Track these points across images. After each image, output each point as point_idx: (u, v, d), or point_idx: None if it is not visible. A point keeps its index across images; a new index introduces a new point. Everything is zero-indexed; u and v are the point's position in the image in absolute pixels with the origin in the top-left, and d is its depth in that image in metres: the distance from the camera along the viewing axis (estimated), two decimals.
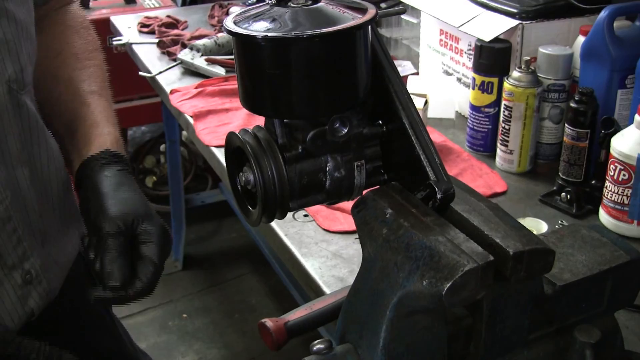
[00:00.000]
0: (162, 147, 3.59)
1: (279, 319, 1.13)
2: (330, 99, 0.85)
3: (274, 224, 1.46)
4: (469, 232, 0.82)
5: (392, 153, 0.92)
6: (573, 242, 1.00)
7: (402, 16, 2.27)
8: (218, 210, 3.53)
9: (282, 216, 0.91)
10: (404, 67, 2.13)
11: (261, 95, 0.86)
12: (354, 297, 0.89)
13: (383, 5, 2.27)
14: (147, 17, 2.64)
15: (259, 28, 0.83)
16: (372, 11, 0.85)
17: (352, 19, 0.83)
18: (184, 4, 3.29)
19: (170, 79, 2.20)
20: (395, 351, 0.83)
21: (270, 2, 0.87)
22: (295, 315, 1.13)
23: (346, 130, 0.88)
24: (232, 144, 0.91)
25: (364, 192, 0.93)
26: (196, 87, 2.09)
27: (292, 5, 0.86)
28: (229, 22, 0.85)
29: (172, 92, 2.10)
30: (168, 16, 2.66)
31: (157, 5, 3.24)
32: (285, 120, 0.87)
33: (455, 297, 0.77)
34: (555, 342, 0.94)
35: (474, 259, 0.77)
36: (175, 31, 2.48)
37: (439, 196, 0.85)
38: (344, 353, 0.87)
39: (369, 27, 0.85)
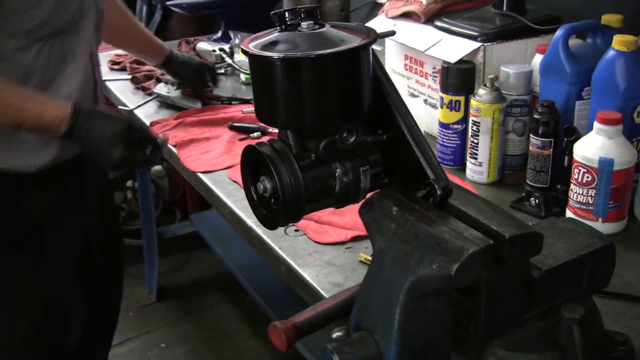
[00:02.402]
0: (129, 183, 3.66)
1: (287, 321, 1.23)
2: (340, 111, 0.97)
3: (268, 239, 1.56)
4: (468, 222, 0.94)
5: (391, 158, 1.04)
6: (552, 232, 1.12)
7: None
8: (188, 242, 3.60)
9: (298, 219, 1.01)
10: None
11: (277, 110, 0.97)
12: (367, 288, 0.99)
13: None
14: (117, 55, 2.74)
15: (274, 50, 0.95)
16: (372, 33, 0.97)
17: (356, 40, 0.95)
18: None
19: (147, 113, 2.29)
20: (408, 332, 0.93)
21: (281, 27, 0.99)
22: (302, 316, 1.23)
23: (354, 139, 0.99)
24: (250, 156, 1.02)
25: (368, 195, 1.04)
26: (175, 119, 2.19)
27: (301, 29, 0.97)
28: (246, 45, 0.96)
29: (152, 124, 2.19)
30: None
31: None
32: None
33: (462, 277, 0.89)
34: (545, 322, 1.05)
35: (477, 243, 0.89)
36: (147, 67, 2.57)
37: (439, 192, 0.97)
38: (362, 338, 0.97)
39: (370, 47, 0.97)
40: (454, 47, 1.82)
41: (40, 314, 1.81)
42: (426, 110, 2.01)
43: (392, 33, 1.10)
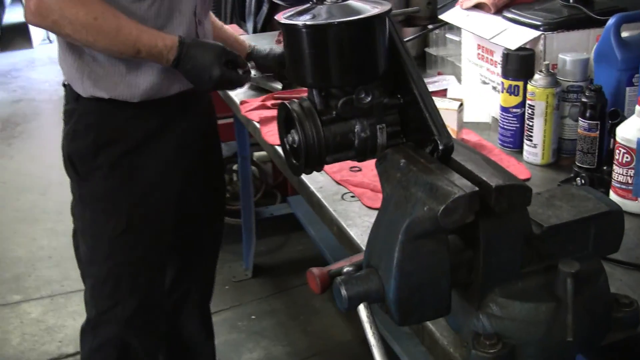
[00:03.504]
0: (234, 167, 3.88)
1: (323, 268, 1.38)
2: (356, 73, 1.11)
3: (325, 202, 1.71)
4: (463, 174, 1.06)
5: (408, 120, 1.17)
6: (562, 197, 1.23)
7: (447, 35, 2.52)
8: (286, 223, 3.79)
9: (320, 169, 1.16)
10: (448, 81, 2.37)
11: (304, 71, 1.11)
12: (375, 228, 1.13)
13: (430, 26, 2.52)
14: None
15: (302, 19, 1.10)
16: (387, 5, 1.11)
17: (372, 11, 1.09)
18: (254, 31, 3.60)
19: (236, 93, 2.49)
20: (406, 269, 1.06)
21: (312, 1, 1.14)
22: (336, 265, 1.38)
23: (370, 99, 1.12)
24: (283, 112, 1.17)
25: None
26: (261, 100, 2.37)
27: (327, 2, 1.12)
28: (279, 16, 1.12)
29: (241, 103, 2.38)
30: None
31: None
32: (322, 90, 1.13)
33: (448, 219, 1.01)
34: (545, 277, 1.15)
35: (463, 190, 1.01)
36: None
37: (440, 147, 1.09)
38: (367, 274, 1.11)
39: (386, 17, 1.11)
40: (516, 35, 1.92)
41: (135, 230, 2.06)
42: (494, 96, 2.11)
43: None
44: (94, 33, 1.80)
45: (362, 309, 1.27)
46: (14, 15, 9.00)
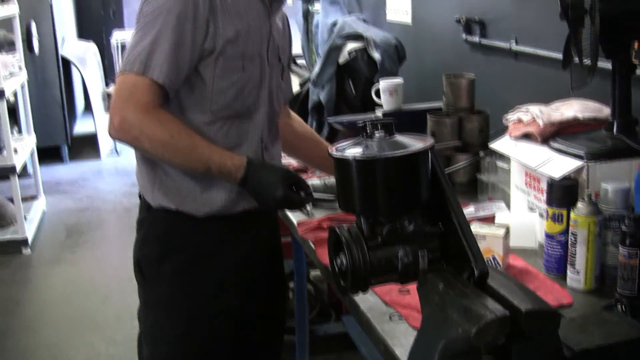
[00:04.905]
0: (291, 284, 3.97)
1: None
2: (401, 203, 1.21)
3: (374, 322, 1.79)
4: (497, 299, 1.15)
5: (448, 247, 1.26)
6: (596, 322, 1.30)
7: (497, 162, 2.62)
8: (340, 342, 3.83)
9: (365, 290, 1.25)
10: (497, 207, 2.46)
11: (353, 200, 1.22)
12: (414, 348, 1.21)
13: (481, 153, 2.63)
14: None
15: (352, 152, 1.22)
16: (431, 141, 1.22)
17: (417, 146, 1.21)
18: None
19: (297, 215, 2.61)
20: None
21: (362, 135, 1.26)
22: None
23: (413, 227, 1.23)
24: (333, 237, 1.28)
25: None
26: (318, 221, 2.48)
27: (375, 137, 1.24)
28: (331, 149, 1.24)
29: (299, 223, 2.50)
30: (298, 163, 3.10)
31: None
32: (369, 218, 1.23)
33: (480, 340, 1.09)
34: None
35: (495, 313, 1.09)
36: (303, 174, 2.90)
37: (476, 274, 1.18)
38: None
39: (429, 151, 1.22)
40: (560, 165, 2.01)
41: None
42: (541, 223, 2.19)
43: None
44: (170, 150, 1.95)
45: None
46: (85, 126, 9.39)
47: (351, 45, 3.56)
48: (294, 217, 2.58)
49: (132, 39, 1.95)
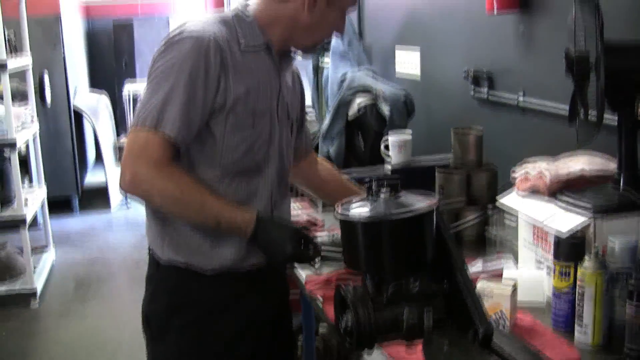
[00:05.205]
0: (299, 339, 3.95)
1: None
2: (406, 263, 1.22)
3: None
4: (501, 357, 1.14)
5: (453, 305, 1.26)
6: None
7: (506, 217, 2.62)
8: None
9: (371, 348, 1.25)
10: (505, 262, 2.46)
11: (359, 259, 1.23)
12: None
13: (490, 212, 2.64)
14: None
15: (357, 213, 1.23)
16: (436, 200, 1.23)
17: (422, 206, 1.22)
18: (324, 206, 3.75)
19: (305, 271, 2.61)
20: None
21: (369, 195, 1.27)
22: None
23: (418, 286, 1.23)
24: (338, 296, 1.28)
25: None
26: (326, 277, 2.48)
27: (382, 196, 1.25)
28: (337, 209, 1.25)
29: (307, 280, 2.50)
30: (308, 216, 3.12)
31: (299, 208, 3.74)
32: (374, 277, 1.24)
33: None
34: None
35: None
36: (312, 228, 2.91)
37: (481, 334, 1.18)
38: None
39: (434, 211, 1.23)
40: (567, 220, 2.02)
41: None
42: (549, 278, 2.18)
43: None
44: (181, 205, 1.98)
45: None
46: (96, 177, 9.41)
47: (360, 100, 3.60)
48: (303, 272, 2.58)
49: (144, 94, 1.98)
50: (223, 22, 2.05)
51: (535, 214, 2.18)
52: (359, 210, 1.24)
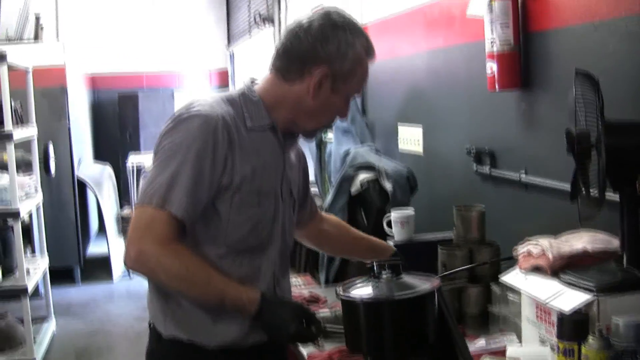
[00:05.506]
0: None
1: None
2: (408, 343, 1.22)
3: None
4: None
5: None
6: None
7: (508, 294, 2.62)
8: None
9: None
10: (508, 339, 2.44)
11: (360, 340, 1.23)
12: None
13: (492, 284, 2.63)
14: None
15: (359, 293, 1.23)
16: (436, 281, 1.24)
17: (423, 287, 1.22)
18: (327, 282, 3.76)
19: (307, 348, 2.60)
20: None
21: (371, 276, 1.28)
22: None
23: None
24: None
25: None
26: (328, 354, 2.47)
27: (383, 277, 1.26)
28: (338, 290, 1.26)
29: (309, 357, 2.49)
30: (310, 292, 3.12)
31: (301, 284, 3.75)
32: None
33: None
34: None
35: None
36: (315, 304, 2.91)
37: None
38: None
39: (435, 291, 1.24)
40: (570, 299, 2.01)
41: None
42: (553, 356, 2.17)
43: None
44: (186, 283, 1.98)
45: None
46: (98, 248, 9.39)
47: (363, 176, 3.63)
48: (305, 349, 2.57)
49: (151, 172, 2.00)
50: (230, 101, 2.09)
51: (538, 293, 2.18)
52: (361, 291, 1.25)
